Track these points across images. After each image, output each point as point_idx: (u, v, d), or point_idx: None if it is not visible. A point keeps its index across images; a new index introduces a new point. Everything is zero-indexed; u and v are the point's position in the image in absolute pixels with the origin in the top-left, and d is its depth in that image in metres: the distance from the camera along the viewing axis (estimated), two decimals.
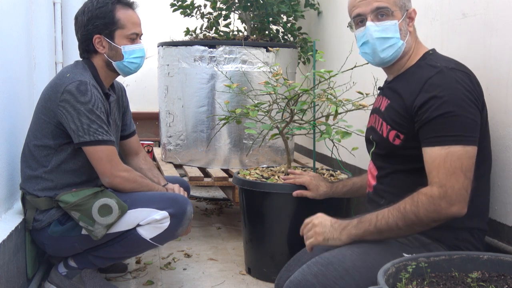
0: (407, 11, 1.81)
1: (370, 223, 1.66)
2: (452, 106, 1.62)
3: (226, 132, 3.26)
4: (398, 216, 1.62)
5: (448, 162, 1.59)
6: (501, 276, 1.43)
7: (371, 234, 1.67)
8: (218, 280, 2.62)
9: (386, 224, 1.64)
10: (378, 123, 1.85)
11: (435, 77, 1.67)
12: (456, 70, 1.68)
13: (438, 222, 1.62)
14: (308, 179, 2.36)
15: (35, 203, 2.21)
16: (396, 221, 1.62)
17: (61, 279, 2.31)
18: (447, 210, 1.58)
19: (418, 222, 1.61)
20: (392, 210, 1.64)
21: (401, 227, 1.62)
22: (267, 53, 3.25)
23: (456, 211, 1.59)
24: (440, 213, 1.59)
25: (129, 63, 2.30)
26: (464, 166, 1.59)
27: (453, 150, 1.60)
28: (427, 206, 1.59)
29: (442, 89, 1.64)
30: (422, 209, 1.59)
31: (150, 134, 5.14)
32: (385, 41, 1.79)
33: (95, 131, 2.15)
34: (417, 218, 1.60)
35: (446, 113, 1.62)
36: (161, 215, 2.19)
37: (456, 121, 1.61)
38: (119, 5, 2.27)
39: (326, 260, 1.66)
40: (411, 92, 1.71)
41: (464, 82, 1.66)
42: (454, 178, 1.58)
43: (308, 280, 1.62)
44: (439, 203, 1.58)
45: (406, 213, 1.61)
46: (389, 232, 1.65)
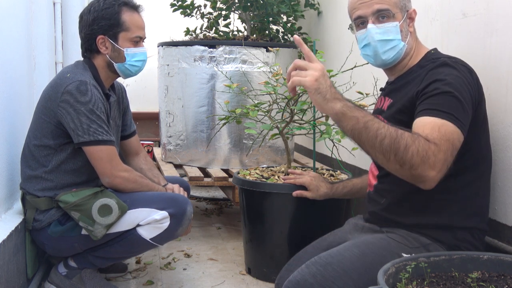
0: (407, 11, 1.81)
1: (364, 116, 1.53)
2: (453, 89, 1.61)
3: (226, 132, 3.26)
4: (391, 133, 1.50)
5: (443, 129, 1.53)
6: (501, 276, 1.43)
7: (353, 126, 1.53)
8: (218, 280, 2.62)
9: (375, 130, 1.51)
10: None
11: (439, 67, 1.69)
12: (459, 64, 1.70)
13: (410, 170, 1.49)
14: (309, 179, 2.36)
15: (35, 203, 2.21)
16: (385, 135, 1.50)
17: (61, 279, 2.31)
18: (428, 169, 1.49)
19: (400, 154, 1.48)
20: (390, 126, 1.52)
21: (383, 144, 1.49)
22: (267, 53, 3.25)
23: (431, 177, 1.50)
24: (421, 165, 1.48)
25: (130, 65, 2.30)
26: (454, 143, 1.53)
27: (447, 124, 1.55)
28: (421, 149, 1.47)
29: (445, 74, 1.65)
30: (415, 148, 1.48)
31: (150, 134, 5.14)
32: (386, 43, 1.78)
33: (95, 131, 2.15)
34: (405, 150, 1.48)
35: (447, 92, 1.60)
36: (161, 215, 2.19)
37: (453, 102, 1.59)
38: (125, 8, 2.28)
39: (325, 261, 1.66)
40: (414, 85, 1.72)
41: (465, 75, 1.67)
42: (447, 144, 1.51)
43: (307, 280, 1.63)
44: (429, 156, 1.48)
45: (402, 138, 1.49)
46: (370, 139, 1.51)
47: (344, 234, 1.96)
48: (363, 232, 1.87)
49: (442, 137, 1.51)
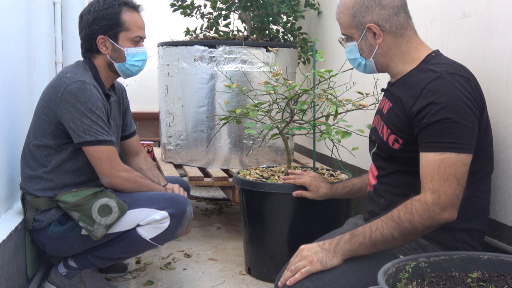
0: (364, 28, 1.80)
1: (364, 236, 1.63)
2: (449, 113, 1.61)
3: (226, 132, 3.26)
4: (393, 225, 1.60)
5: (442, 168, 1.59)
6: (501, 276, 1.43)
7: (366, 247, 1.63)
8: (218, 280, 2.62)
9: (381, 236, 1.61)
10: (380, 125, 1.85)
11: (434, 83, 1.66)
12: (456, 75, 1.66)
13: (431, 229, 1.61)
14: (309, 179, 2.36)
15: (35, 203, 2.21)
16: (391, 231, 1.60)
17: (61, 279, 2.31)
18: (440, 215, 1.58)
19: (413, 231, 1.59)
20: (385, 220, 1.62)
21: (396, 238, 1.60)
22: (267, 53, 3.25)
23: (448, 217, 1.59)
24: (434, 219, 1.58)
25: (131, 65, 2.30)
26: (458, 173, 1.59)
27: (448, 157, 1.60)
28: (421, 213, 1.58)
29: (440, 95, 1.63)
30: (417, 216, 1.58)
31: (150, 134, 5.14)
32: (353, 61, 1.91)
33: (95, 131, 2.15)
34: (412, 226, 1.58)
35: (443, 119, 1.61)
36: (161, 215, 2.19)
37: (452, 128, 1.60)
38: (125, 8, 2.28)
39: None
40: (410, 97, 1.71)
41: (463, 88, 1.64)
42: (447, 184, 1.58)
43: (304, 283, 1.63)
44: (433, 208, 1.57)
45: (400, 221, 1.59)
46: (384, 243, 1.62)
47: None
48: None
49: (442, 178, 1.59)
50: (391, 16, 1.78)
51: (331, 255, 1.65)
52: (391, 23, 1.78)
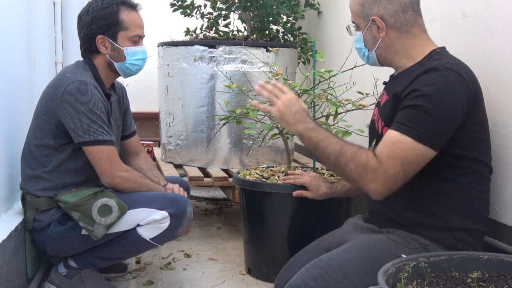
0: (370, 20, 1.81)
1: (317, 136, 1.73)
2: (425, 102, 1.62)
3: (226, 132, 3.26)
4: (336, 150, 1.68)
5: (395, 147, 1.62)
6: (501, 276, 1.43)
7: (310, 143, 1.75)
8: (218, 280, 2.62)
9: (323, 148, 1.71)
10: (377, 118, 1.87)
11: (427, 73, 1.67)
12: (451, 71, 1.66)
13: (353, 183, 1.69)
14: (309, 179, 2.36)
15: (35, 203, 2.21)
16: (331, 153, 1.69)
17: (61, 279, 2.31)
18: (368, 183, 1.64)
19: (342, 170, 1.68)
20: (339, 143, 1.70)
21: (330, 160, 1.70)
22: (267, 53, 3.25)
23: (374, 190, 1.64)
24: (360, 179, 1.64)
25: (130, 64, 2.30)
26: (407, 160, 1.61)
27: (404, 140, 1.62)
28: (358, 165, 1.64)
29: (426, 84, 1.65)
30: (354, 163, 1.64)
31: (150, 134, 5.14)
32: (358, 50, 1.92)
33: (95, 131, 2.15)
34: (345, 166, 1.66)
35: (417, 105, 1.63)
36: (161, 215, 2.19)
37: (421, 116, 1.62)
38: (123, 7, 2.28)
39: (325, 263, 1.66)
40: (403, 86, 1.73)
41: (453, 84, 1.64)
42: (392, 162, 1.61)
43: (307, 283, 1.63)
44: (367, 172, 1.63)
45: (342, 155, 1.67)
46: (321, 156, 1.73)
47: (343, 235, 1.96)
48: (363, 233, 1.87)
49: (390, 154, 1.62)
50: (397, 12, 1.79)
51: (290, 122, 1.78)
52: (396, 18, 1.79)
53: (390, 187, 1.63)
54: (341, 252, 1.70)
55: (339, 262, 1.65)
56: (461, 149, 1.68)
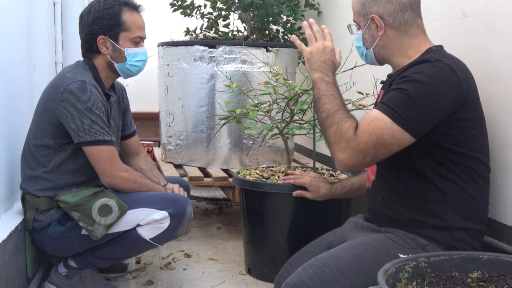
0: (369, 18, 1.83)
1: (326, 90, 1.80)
2: (410, 87, 1.64)
3: (226, 132, 3.26)
4: (330, 110, 1.74)
5: (373, 123, 1.65)
6: (501, 276, 1.43)
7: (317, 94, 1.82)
8: (218, 280, 2.62)
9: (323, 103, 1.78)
10: None
11: (419, 64, 1.70)
12: (442, 62, 1.68)
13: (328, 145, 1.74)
14: (309, 180, 2.36)
15: (35, 203, 2.21)
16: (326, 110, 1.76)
17: (61, 279, 2.31)
18: (337, 150, 1.69)
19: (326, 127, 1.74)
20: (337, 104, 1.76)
21: (321, 115, 1.77)
22: (267, 53, 3.25)
23: (341, 159, 1.68)
24: (334, 144, 1.69)
25: (131, 65, 2.30)
26: (381, 138, 1.63)
27: (383, 119, 1.64)
28: (338, 131, 1.69)
29: (415, 72, 1.67)
30: (335, 127, 1.69)
31: (150, 134, 5.14)
32: (358, 49, 1.94)
33: (95, 131, 2.15)
34: (329, 126, 1.72)
35: (401, 88, 1.66)
36: (161, 215, 2.19)
37: (403, 100, 1.64)
38: (125, 8, 2.28)
39: (322, 262, 1.67)
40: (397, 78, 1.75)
41: (443, 76, 1.65)
42: (366, 136, 1.64)
43: (304, 282, 1.63)
44: (342, 140, 1.67)
45: (332, 115, 1.73)
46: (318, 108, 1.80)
47: (344, 233, 1.96)
48: (363, 232, 1.88)
49: (367, 129, 1.65)
50: (396, 11, 1.80)
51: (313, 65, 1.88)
52: (395, 18, 1.80)
53: (356, 161, 1.66)
54: (338, 251, 1.70)
55: (335, 261, 1.66)
56: (455, 145, 1.69)
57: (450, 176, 1.71)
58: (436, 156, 1.69)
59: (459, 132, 1.68)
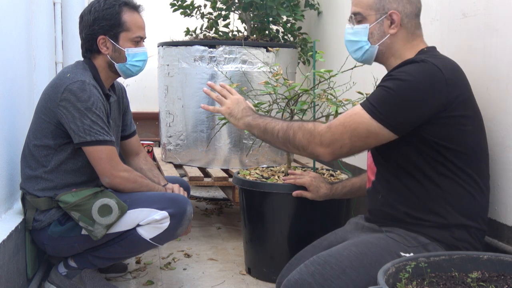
0: (386, 13, 1.80)
1: (264, 121, 1.88)
2: (393, 84, 1.66)
3: (226, 132, 3.26)
4: (284, 127, 1.81)
5: (350, 117, 1.69)
6: (501, 276, 1.43)
7: (259, 129, 1.90)
8: (218, 280, 2.62)
9: (272, 129, 1.84)
10: None
11: (406, 65, 1.71)
12: (428, 62, 1.68)
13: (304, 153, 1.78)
14: (309, 180, 2.36)
15: (35, 203, 2.21)
16: (279, 130, 1.81)
17: (61, 279, 2.31)
18: (315, 146, 1.73)
19: (291, 141, 1.78)
20: (285, 121, 1.84)
21: (279, 137, 1.81)
22: (267, 53, 3.25)
23: (321, 152, 1.73)
24: (309, 144, 1.74)
25: (131, 65, 2.31)
26: (357, 131, 1.67)
27: (361, 113, 1.68)
28: (306, 132, 1.74)
29: (399, 71, 1.69)
30: (301, 132, 1.74)
31: (150, 134, 5.14)
32: (353, 43, 1.88)
33: (95, 132, 2.15)
34: (293, 137, 1.77)
35: (384, 86, 1.68)
36: (161, 215, 2.19)
37: (384, 96, 1.66)
38: (125, 8, 2.28)
39: (323, 260, 1.67)
40: None
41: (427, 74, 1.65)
42: (341, 130, 1.69)
43: (305, 279, 1.63)
44: (314, 136, 1.72)
45: (290, 128, 1.78)
46: (271, 136, 1.86)
47: (345, 234, 1.96)
48: (363, 232, 1.88)
49: (341, 123, 1.70)
50: (412, 14, 1.82)
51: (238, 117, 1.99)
52: (409, 20, 1.81)
53: (336, 151, 1.71)
54: (340, 249, 1.71)
55: (337, 258, 1.66)
56: (448, 142, 1.69)
57: (447, 173, 1.71)
58: (432, 154, 1.70)
59: (452, 129, 1.68)
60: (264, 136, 1.88)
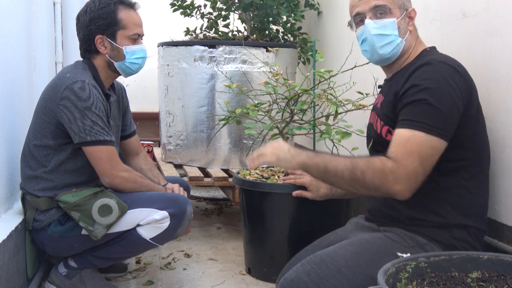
0: (406, 10, 1.83)
1: (323, 160, 1.69)
2: (428, 95, 1.64)
3: (226, 132, 3.26)
4: (349, 167, 1.64)
5: (409, 143, 1.61)
6: (501, 276, 1.43)
7: (318, 170, 1.70)
8: (218, 280, 2.62)
9: (334, 168, 1.66)
10: (374, 120, 1.87)
11: (422, 68, 1.70)
12: (444, 64, 1.70)
13: (377, 193, 1.64)
14: (309, 179, 2.36)
15: (35, 203, 2.21)
16: (343, 170, 1.64)
17: (61, 279, 2.31)
18: (391, 185, 1.60)
19: (361, 182, 1.62)
20: (347, 159, 1.67)
21: (345, 178, 1.64)
22: (267, 53, 3.25)
23: (398, 191, 1.60)
24: (383, 184, 1.60)
25: (130, 63, 2.30)
26: (423, 153, 1.60)
27: (417, 135, 1.62)
28: (376, 171, 1.60)
29: (424, 78, 1.67)
30: (371, 172, 1.60)
31: (150, 134, 5.14)
32: (383, 37, 1.81)
33: (95, 132, 2.15)
34: (362, 177, 1.62)
35: (420, 99, 1.64)
36: (161, 215, 2.19)
37: (427, 109, 1.63)
38: (121, 6, 2.28)
39: (320, 259, 1.68)
40: (399, 84, 1.75)
41: (449, 76, 1.67)
42: (410, 159, 1.59)
43: (301, 278, 1.64)
44: (387, 175, 1.59)
45: (356, 167, 1.62)
46: (334, 177, 1.67)
47: (345, 234, 1.97)
48: (363, 232, 1.88)
49: (406, 151, 1.60)
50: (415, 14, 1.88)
51: (289, 159, 1.76)
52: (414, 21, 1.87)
53: (413, 184, 1.61)
54: (337, 248, 1.71)
55: (333, 257, 1.66)
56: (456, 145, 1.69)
57: (450, 173, 1.71)
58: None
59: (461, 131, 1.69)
60: (325, 176, 1.71)
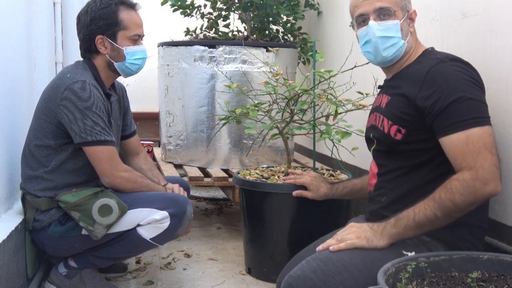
0: (408, 12, 1.84)
1: (408, 218, 1.65)
2: (461, 92, 1.64)
3: (226, 132, 3.26)
4: (435, 206, 1.61)
5: (471, 144, 1.60)
6: (501, 276, 1.43)
7: (411, 229, 1.65)
8: (218, 280, 2.62)
9: (424, 217, 1.62)
10: (378, 120, 1.86)
11: (436, 68, 1.70)
12: (456, 61, 1.72)
13: (476, 204, 1.61)
14: (309, 179, 2.36)
15: (35, 203, 2.21)
16: (434, 212, 1.61)
17: (61, 279, 2.31)
18: (483, 190, 1.58)
19: (455, 209, 1.60)
20: (427, 201, 1.63)
21: (439, 217, 1.61)
22: (267, 53, 3.25)
23: (492, 190, 1.59)
24: (476, 194, 1.58)
25: (130, 64, 2.30)
26: (488, 144, 1.60)
27: (472, 132, 1.61)
28: (462, 191, 1.58)
29: (446, 78, 1.67)
30: (458, 194, 1.58)
31: (150, 134, 5.14)
32: (387, 40, 1.81)
33: (96, 132, 2.15)
34: (454, 204, 1.59)
35: (456, 99, 1.64)
36: (161, 215, 2.19)
37: (468, 105, 1.63)
38: (122, 6, 2.28)
39: (325, 256, 1.68)
40: (413, 85, 1.74)
41: (466, 70, 1.70)
42: (481, 158, 1.59)
43: (307, 275, 1.64)
44: (473, 184, 1.58)
45: (442, 201, 1.60)
46: (429, 224, 1.63)
47: None
48: None
49: (473, 154, 1.59)
50: None
51: (378, 236, 1.68)
52: None
53: (497, 175, 1.60)
54: None
55: (338, 255, 1.67)
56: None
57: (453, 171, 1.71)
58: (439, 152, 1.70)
59: None
60: (421, 229, 1.65)
